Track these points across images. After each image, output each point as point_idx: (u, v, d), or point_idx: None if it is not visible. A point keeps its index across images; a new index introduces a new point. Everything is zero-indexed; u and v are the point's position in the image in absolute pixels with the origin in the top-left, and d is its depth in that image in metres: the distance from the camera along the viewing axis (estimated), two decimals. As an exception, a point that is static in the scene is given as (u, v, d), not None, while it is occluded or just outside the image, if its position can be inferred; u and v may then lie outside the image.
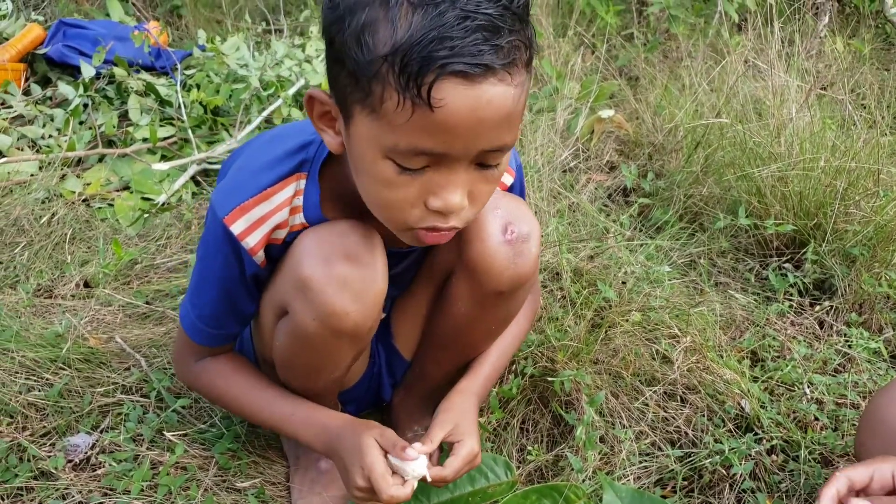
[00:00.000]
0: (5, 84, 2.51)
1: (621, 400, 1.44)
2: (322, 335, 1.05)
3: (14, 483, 1.24)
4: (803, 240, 1.84)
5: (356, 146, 0.88)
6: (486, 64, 0.78)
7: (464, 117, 0.80)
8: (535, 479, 1.35)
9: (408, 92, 0.78)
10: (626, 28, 3.19)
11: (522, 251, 1.11)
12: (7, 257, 1.84)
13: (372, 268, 1.03)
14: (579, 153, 2.26)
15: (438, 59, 0.77)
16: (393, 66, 0.78)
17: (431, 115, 0.79)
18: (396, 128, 0.81)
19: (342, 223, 1.05)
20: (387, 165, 0.86)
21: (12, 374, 1.43)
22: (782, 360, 1.56)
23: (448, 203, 0.88)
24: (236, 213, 1.01)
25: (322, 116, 0.94)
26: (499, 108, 0.81)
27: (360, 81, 0.82)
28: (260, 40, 3.08)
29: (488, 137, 0.84)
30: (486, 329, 1.25)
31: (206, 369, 1.20)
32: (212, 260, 1.07)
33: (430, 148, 0.83)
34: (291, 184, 1.04)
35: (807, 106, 2.04)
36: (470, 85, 0.78)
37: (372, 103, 0.82)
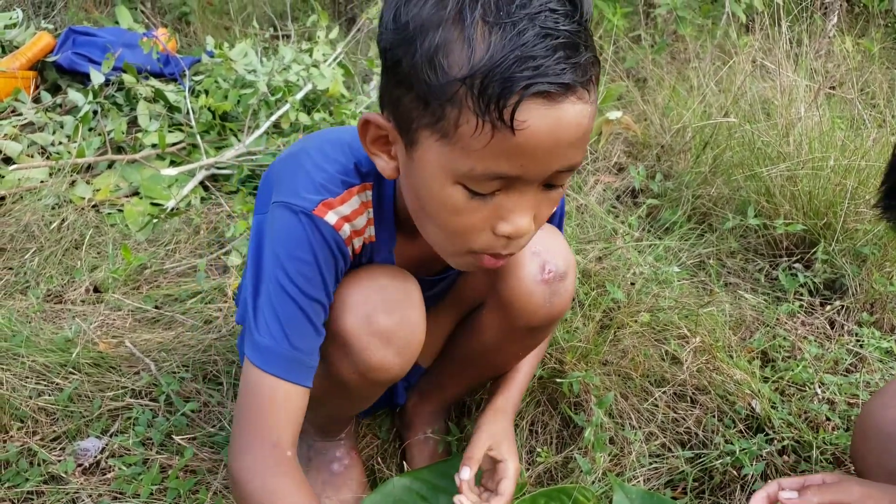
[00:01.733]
0: (16, 92, 2.53)
1: (631, 401, 1.43)
2: (360, 385, 1.05)
3: (24, 487, 1.25)
4: (813, 239, 1.83)
5: (421, 172, 0.83)
6: (567, 83, 0.75)
7: (544, 139, 0.76)
8: (544, 481, 1.34)
9: (488, 115, 0.74)
10: (633, 30, 3.19)
11: (559, 290, 1.10)
12: (17, 263, 1.85)
13: (413, 322, 1.02)
14: (587, 154, 2.26)
15: (522, 79, 0.73)
16: (472, 89, 0.74)
17: (512, 139, 0.75)
18: (472, 153, 0.77)
19: (381, 273, 1.02)
20: (457, 191, 0.81)
21: (23, 379, 1.44)
22: (793, 360, 1.55)
23: (518, 228, 0.84)
24: (322, 207, 0.94)
25: (376, 141, 0.89)
26: (577, 127, 0.78)
27: (430, 105, 0.77)
28: (268, 46, 3.09)
29: (564, 157, 0.80)
30: (512, 355, 1.24)
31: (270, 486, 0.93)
32: (298, 267, 0.94)
33: (507, 171, 0.78)
34: (360, 193, 0.99)
35: (816, 105, 2.03)
36: (551, 105, 0.75)
37: (444, 128, 0.78)
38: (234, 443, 0.96)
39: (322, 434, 1.30)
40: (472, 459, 1.12)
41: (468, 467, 1.11)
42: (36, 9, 3.41)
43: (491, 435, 1.16)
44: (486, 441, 1.14)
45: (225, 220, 2.07)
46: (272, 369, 0.94)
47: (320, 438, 1.30)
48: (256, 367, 0.95)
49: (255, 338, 0.95)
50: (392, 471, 1.37)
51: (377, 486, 1.26)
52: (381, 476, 1.37)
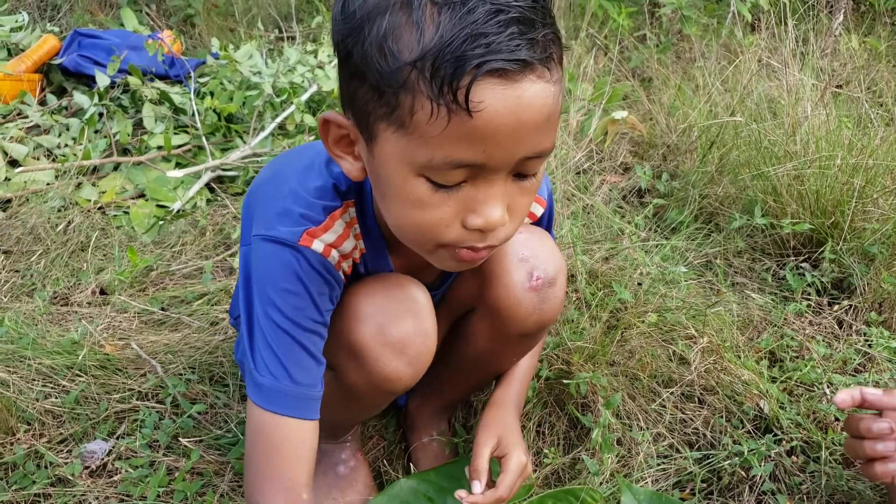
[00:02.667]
0: (21, 94, 2.54)
1: (638, 402, 1.43)
2: (372, 395, 1.04)
3: (32, 490, 1.25)
4: (820, 239, 1.82)
5: (382, 168, 0.80)
6: (524, 59, 0.71)
7: (504, 121, 0.72)
8: (551, 482, 1.34)
9: (442, 98, 0.71)
10: (638, 29, 3.18)
11: (548, 296, 1.08)
12: (24, 265, 1.85)
13: (425, 331, 1.00)
14: (593, 154, 2.26)
15: (474, 57, 0.69)
16: (423, 72, 0.71)
17: (470, 122, 0.72)
18: (430, 140, 0.74)
19: (392, 282, 1.01)
20: (419, 184, 0.78)
21: (29, 382, 1.44)
22: (801, 360, 1.54)
23: (489, 220, 0.80)
24: (307, 237, 0.92)
25: (339, 141, 0.86)
26: (540, 108, 0.74)
27: (384, 94, 0.74)
28: (273, 47, 3.09)
29: (529, 142, 0.76)
30: (507, 360, 1.24)
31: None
32: (289, 301, 0.92)
33: (469, 159, 0.75)
34: (343, 214, 0.97)
35: (822, 104, 2.02)
36: (509, 84, 0.71)
37: (400, 117, 0.74)
38: (248, 488, 0.96)
39: (328, 436, 1.29)
40: (480, 472, 1.09)
41: (478, 481, 1.08)
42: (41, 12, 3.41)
43: (492, 434, 1.14)
44: (487, 444, 1.12)
45: (231, 222, 2.07)
46: (277, 408, 0.93)
47: (326, 440, 1.30)
48: (261, 408, 0.94)
49: (256, 378, 0.94)
50: (399, 472, 1.37)
51: (384, 487, 1.26)
52: (388, 478, 1.36)
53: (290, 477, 0.94)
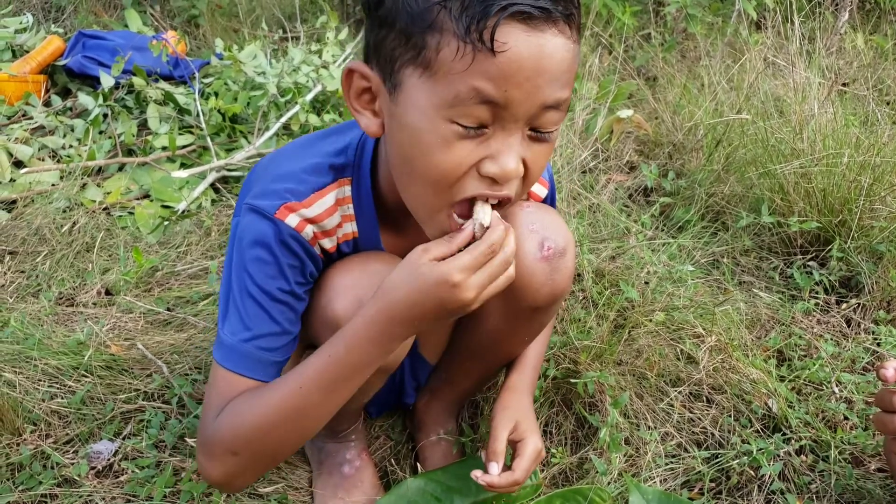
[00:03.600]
0: (26, 96, 2.54)
1: (646, 401, 1.42)
2: None
3: (38, 490, 1.24)
4: (828, 237, 1.81)
5: (407, 115, 0.83)
6: (548, 9, 0.76)
7: (526, 64, 0.76)
8: (559, 482, 1.33)
9: (468, 36, 0.75)
10: (643, 28, 3.17)
11: (559, 266, 1.09)
12: (29, 266, 1.85)
13: None
14: (598, 153, 2.25)
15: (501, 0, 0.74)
16: (451, 11, 0.75)
17: (493, 60, 0.76)
18: (455, 76, 0.77)
19: (373, 257, 1.02)
20: (444, 126, 0.81)
21: (35, 382, 1.44)
22: (809, 358, 1.53)
23: (505, 168, 0.83)
24: (284, 210, 0.95)
25: (360, 95, 0.89)
26: (560, 60, 0.78)
27: (412, 37, 0.79)
28: (277, 48, 3.09)
29: (549, 90, 0.80)
30: (518, 340, 1.24)
31: (229, 410, 0.97)
32: (260, 269, 0.96)
33: (492, 95, 0.78)
34: (334, 190, 1.00)
35: (829, 102, 2.01)
36: (532, 31, 0.76)
37: (426, 58, 0.78)
38: (198, 433, 1.01)
39: (331, 435, 1.29)
40: (498, 454, 1.11)
41: (495, 463, 1.10)
42: (46, 13, 3.42)
43: (509, 418, 1.15)
44: (505, 426, 1.13)
45: (236, 222, 2.06)
46: (232, 366, 0.97)
47: (330, 440, 1.30)
48: (217, 363, 0.98)
49: (220, 336, 0.98)
50: (405, 472, 1.37)
51: (391, 487, 1.25)
52: (395, 477, 1.36)
53: None
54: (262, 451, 0.97)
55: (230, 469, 0.97)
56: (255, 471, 1.01)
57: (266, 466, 1.05)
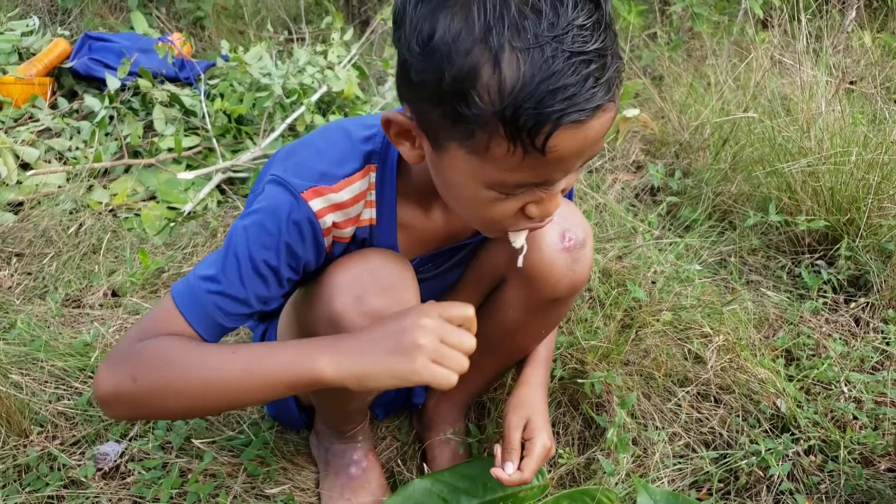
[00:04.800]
0: (33, 98, 2.55)
1: (653, 401, 1.41)
2: None
3: (45, 492, 1.24)
4: (836, 236, 1.80)
5: (450, 175, 0.85)
6: (598, 105, 0.75)
7: (573, 153, 0.78)
8: (566, 482, 1.33)
9: (520, 141, 0.75)
10: (648, 27, 3.16)
11: (579, 258, 1.10)
12: (36, 268, 1.85)
13: (406, 303, 0.99)
14: (605, 152, 2.24)
15: (555, 112, 0.72)
16: (503, 120, 0.73)
17: (543, 159, 0.77)
18: (505, 169, 0.79)
19: (374, 254, 1.02)
20: (489, 193, 0.84)
21: (42, 384, 1.44)
22: (818, 358, 1.52)
23: (548, 212, 0.88)
24: (312, 192, 0.94)
25: (399, 134, 0.88)
26: (602, 133, 0.79)
27: (459, 124, 0.77)
28: (282, 49, 3.09)
29: (587, 156, 0.82)
30: (535, 333, 1.24)
31: (154, 341, 0.93)
32: (259, 235, 0.94)
33: (537, 181, 0.82)
34: (365, 177, 0.99)
35: (836, 100, 2.00)
36: (581, 127, 0.75)
37: (474, 146, 0.78)
38: (115, 346, 0.97)
39: (337, 435, 1.29)
40: (513, 452, 1.12)
41: (511, 462, 1.12)
42: (52, 16, 3.42)
43: (521, 415, 1.16)
44: (519, 422, 1.15)
45: (241, 223, 2.06)
46: (183, 308, 0.94)
47: (337, 440, 1.29)
48: (171, 298, 0.95)
49: (189, 274, 0.96)
50: (412, 473, 1.36)
51: (397, 488, 1.25)
52: (402, 478, 1.35)
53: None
54: (157, 395, 0.91)
55: (122, 391, 0.90)
56: (139, 408, 0.94)
57: (150, 411, 0.98)
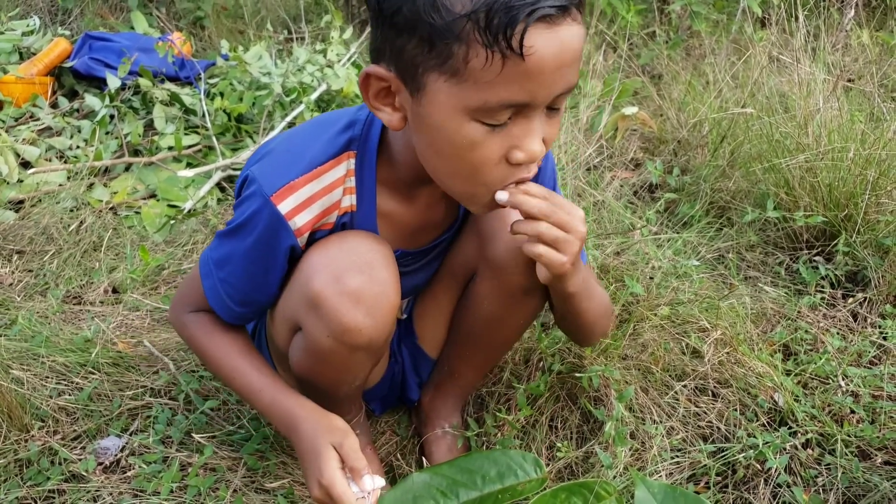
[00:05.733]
0: (33, 97, 2.55)
1: (651, 395, 1.42)
2: (338, 351, 1.03)
3: (46, 486, 1.25)
4: (834, 231, 1.81)
5: (433, 116, 0.85)
6: (565, 5, 0.78)
7: (550, 61, 0.79)
8: (565, 476, 1.33)
9: (496, 45, 0.76)
10: (647, 26, 3.17)
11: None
12: (37, 265, 1.86)
13: (384, 282, 1.00)
14: (603, 150, 2.25)
15: (525, 6, 0.75)
16: (478, 23, 0.76)
17: (522, 65, 0.78)
18: (484, 85, 0.79)
19: (352, 235, 1.03)
20: (473, 127, 0.84)
21: (43, 379, 1.45)
22: (815, 353, 1.53)
23: (531, 153, 0.87)
24: (285, 191, 0.97)
25: (378, 94, 0.90)
26: (576, 47, 0.81)
27: (436, 46, 0.79)
28: (282, 48, 3.10)
29: (565, 79, 0.83)
30: (515, 325, 1.24)
31: (195, 322, 1.15)
32: (245, 237, 1.01)
33: (519, 99, 0.81)
34: (342, 163, 1.01)
35: (834, 96, 2.00)
36: (553, 28, 0.78)
37: (453, 66, 0.79)
38: (174, 300, 1.20)
39: None
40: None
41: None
42: (53, 16, 3.43)
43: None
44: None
45: (241, 221, 2.07)
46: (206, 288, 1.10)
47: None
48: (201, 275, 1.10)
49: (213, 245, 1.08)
50: (411, 467, 1.37)
51: (396, 482, 1.25)
52: (401, 472, 1.36)
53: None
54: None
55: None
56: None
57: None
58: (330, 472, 1.00)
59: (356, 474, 1.01)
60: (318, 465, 1.01)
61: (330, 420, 1.06)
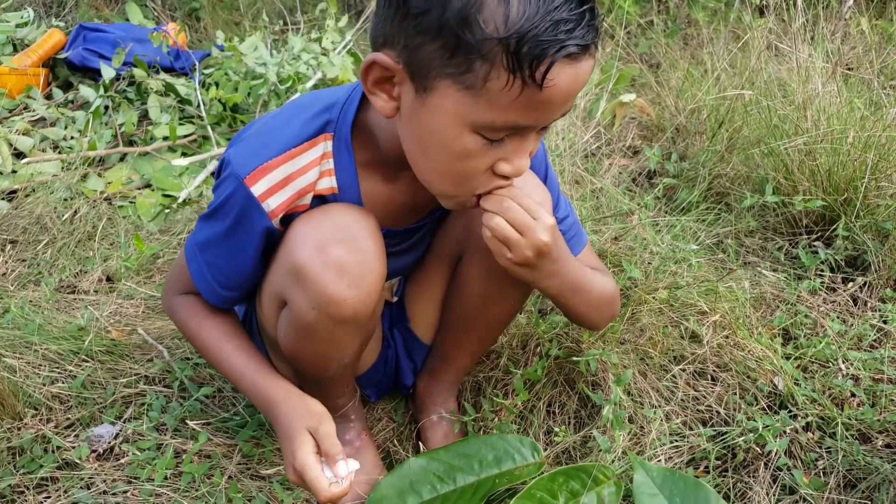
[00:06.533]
0: (27, 89, 2.54)
1: (649, 379, 1.41)
2: (323, 324, 1.01)
3: (39, 473, 1.24)
4: (833, 216, 1.80)
5: (434, 119, 0.85)
6: (589, 44, 0.80)
7: (564, 94, 0.81)
8: (562, 460, 1.32)
9: (520, 73, 0.77)
10: (645, 15, 3.16)
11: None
12: (30, 254, 1.85)
13: (368, 252, 0.99)
14: (601, 137, 2.23)
15: (556, 43, 0.76)
16: (507, 48, 0.76)
17: (539, 94, 0.79)
18: (497, 105, 0.81)
19: (336, 207, 1.02)
20: (473, 139, 0.85)
21: (36, 367, 1.44)
22: (815, 337, 1.52)
23: (519, 168, 0.90)
24: (258, 172, 0.97)
25: (379, 81, 0.88)
26: (586, 80, 0.84)
27: (457, 56, 0.78)
28: (278, 38, 3.08)
29: (568, 106, 0.86)
30: (505, 308, 1.23)
31: (184, 305, 1.16)
32: (222, 220, 1.02)
33: (525, 123, 0.84)
34: (318, 144, 1.00)
35: (833, 80, 1.99)
36: (574, 64, 0.80)
37: (471, 81, 0.79)
38: (164, 285, 1.21)
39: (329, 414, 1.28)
40: None
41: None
42: (47, 7, 3.42)
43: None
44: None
45: (237, 210, 2.05)
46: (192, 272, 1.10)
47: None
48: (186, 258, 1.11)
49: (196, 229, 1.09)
50: (408, 453, 1.36)
51: (393, 467, 1.24)
52: (398, 458, 1.35)
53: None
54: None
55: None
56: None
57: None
58: (303, 456, 0.99)
59: (330, 459, 1.00)
60: (292, 448, 1.01)
61: (307, 403, 1.05)
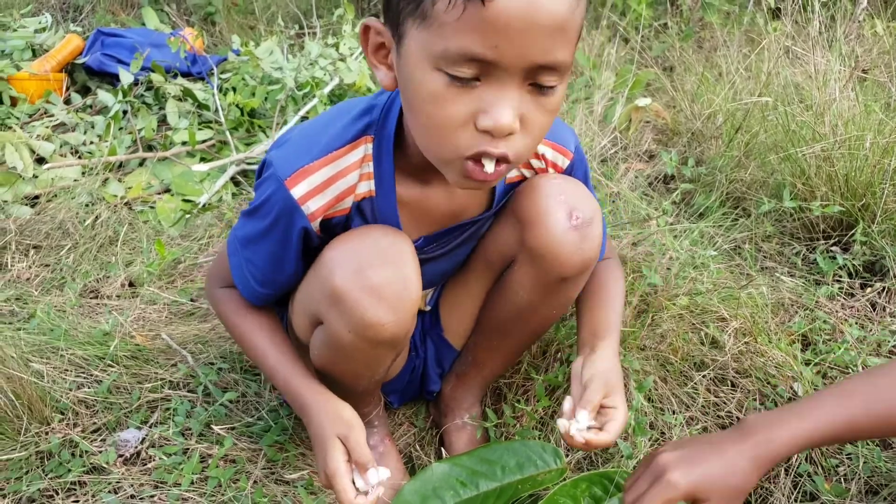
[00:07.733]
0: (47, 94, 2.57)
1: (670, 385, 1.41)
2: (359, 346, 1.02)
3: (67, 478, 1.26)
4: (851, 221, 1.80)
5: (407, 66, 0.84)
6: None
7: (515, 15, 0.75)
8: (584, 466, 1.33)
9: None
10: (659, 18, 3.16)
11: (588, 235, 1.09)
12: (53, 259, 1.87)
13: (406, 276, 0.99)
14: (617, 142, 2.24)
15: None
16: None
17: (483, 11, 0.75)
18: (446, 29, 0.77)
19: (373, 229, 1.02)
20: (436, 77, 0.81)
21: (62, 372, 1.45)
22: (834, 342, 1.52)
23: (498, 122, 0.81)
24: (299, 175, 0.98)
25: (377, 50, 0.90)
26: (553, 13, 0.76)
27: None
28: (293, 43, 3.10)
29: (541, 47, 0.78)
30: (546, 314, 1.23)
31: (226, 298, 1.18)
32: (262, 219, 1.03)
33: (481, 52, 0.77)
34: (359, 147, 1.01)
35: (851, 86, 1.99)
36: None
37: (423, 9, 0.79)
38: (208, 274, 1.24)
39: None
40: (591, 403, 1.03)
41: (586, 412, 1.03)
42: (64, 13, 3.45)
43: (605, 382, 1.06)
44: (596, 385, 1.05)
45: (256, 215, 2.07)
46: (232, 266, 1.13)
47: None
48: (227, 254, 1.14)
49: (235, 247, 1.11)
50: (430, 458, 1.37)
51: (416, 473, 1.26)
52: (420, 463, 1.36)
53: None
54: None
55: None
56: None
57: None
58: (334, 464, 1.01)
59: (361, 468, 1.02)
60: (323, 454, 1.03)
61: (337, 409, 1.06)
